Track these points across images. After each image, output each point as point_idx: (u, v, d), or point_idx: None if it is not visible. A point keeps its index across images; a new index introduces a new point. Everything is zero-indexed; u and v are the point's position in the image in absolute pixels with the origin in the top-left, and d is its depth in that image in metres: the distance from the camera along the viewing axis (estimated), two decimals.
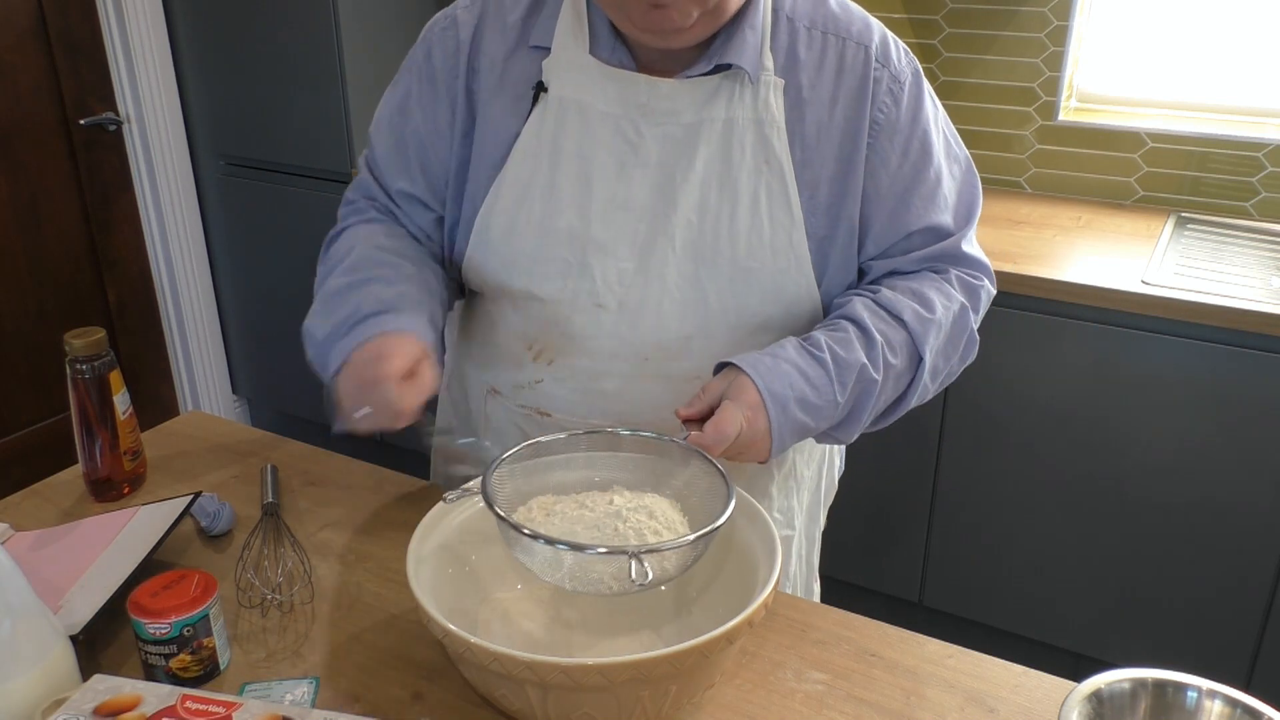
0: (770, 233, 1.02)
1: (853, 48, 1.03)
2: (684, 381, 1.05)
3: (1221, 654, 2.00)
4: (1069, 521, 2.05)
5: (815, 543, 1.30)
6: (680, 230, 1.02)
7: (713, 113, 1.01)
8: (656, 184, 1.02)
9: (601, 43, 1.03)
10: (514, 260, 1.05)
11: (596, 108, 1.02)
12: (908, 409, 1.07)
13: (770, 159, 1.02)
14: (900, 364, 1.02)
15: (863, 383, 0.99)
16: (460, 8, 1.09)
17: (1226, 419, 1.86)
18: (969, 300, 1.07)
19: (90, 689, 0.80)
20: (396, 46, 1.15)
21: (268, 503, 1.15)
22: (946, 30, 2.40)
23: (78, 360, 1.14)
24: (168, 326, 3.03)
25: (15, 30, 2.51)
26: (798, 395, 0.95)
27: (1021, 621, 2.18)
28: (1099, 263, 1.99)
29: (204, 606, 0.89)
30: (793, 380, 0.95)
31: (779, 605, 1.02)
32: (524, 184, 1.04)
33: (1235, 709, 0.77)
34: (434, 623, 0.78)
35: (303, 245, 2.79)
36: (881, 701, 0.90)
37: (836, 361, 0.97)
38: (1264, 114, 2.27)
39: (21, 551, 1.06)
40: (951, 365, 1.09)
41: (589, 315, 1.05)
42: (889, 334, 1.01)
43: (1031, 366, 1.98)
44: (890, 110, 1.03)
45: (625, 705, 0.78)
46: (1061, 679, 0.92)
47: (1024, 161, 2.42)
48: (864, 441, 1.11)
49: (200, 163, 2.94)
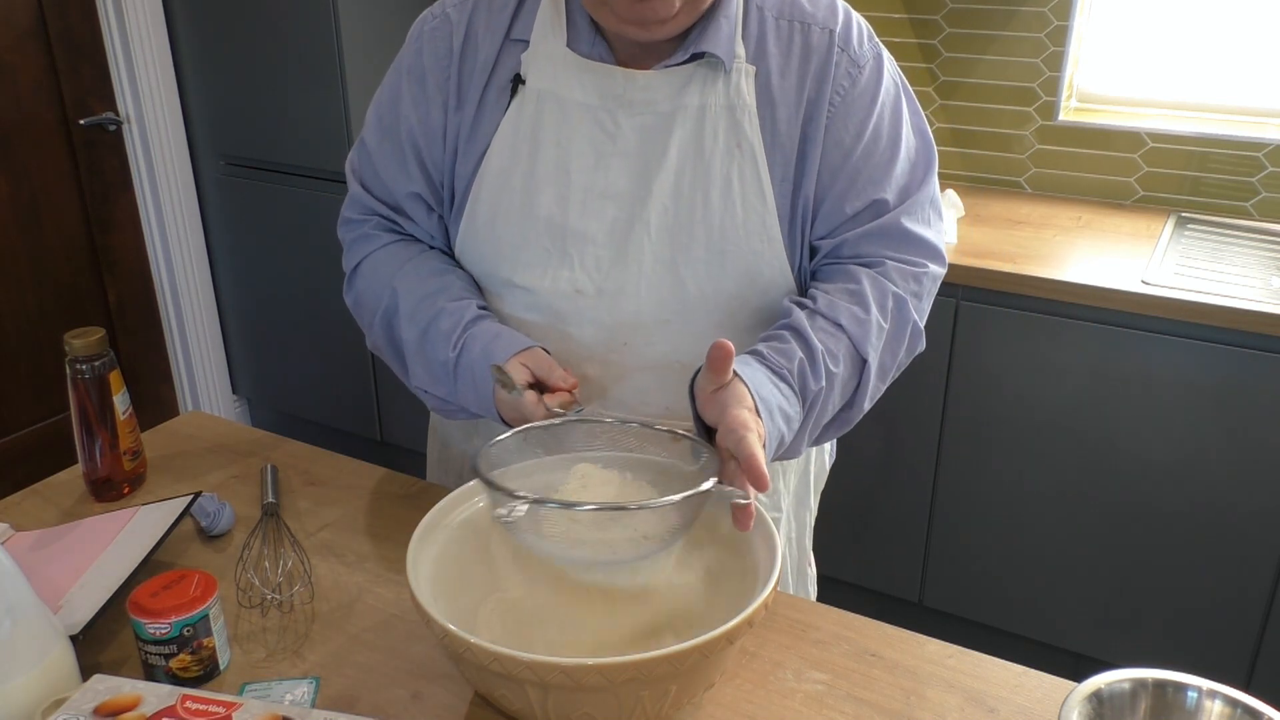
0: (743, 215, 1.03)
1: (818, 32, 1.05)
2: (663, 365, 1.06)
3: (1221, 654, 2.00)
4: (1069, 521, 2.05)
5: (806, 527, 1.31)
6: (656, 216, 1.04)
7: (686, 100, 1.03)
8: (634, 172, 1.04)
9: (580, 37, 1.04)
10: (498, 250, 1.07)
11: (574, 99, 1.04)
12: (862, 413, 1.07)
13: (742, 143, 1.03)
14: (844, 371, 1.02)
15: (809, 394, 0.99)
16: (450, 6, 1.09)
17: (1226, 419, 1.86)
18: (909, 289, 1.06)
19: (90, 689, 0.80)
20: (396, 46, 1.15)
21: (268, 503, 1.15)
22: (946, 30, 2.40)
23: (78, 360, 1.14)
24: (168, 326, 3.03)
25: (15, 30, 2.51)
26: (777, 403, 0.95)
27: (1021, 621, 2.18)
28: (1099, 263, 1.99)
29: (204, 606, 0.89)
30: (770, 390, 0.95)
31: (779, 605, 1.02)
32: (504, 175, 1.06)
33: (1235, 709, 0.78)
34: (434, 623, 0.78)
35: (302, 245, 2.80)
36: (881, 701, 0.90)
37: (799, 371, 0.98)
38: (1264, 114, 2.27)
39: (21, 551, 1.06)
40: (900, 360, 1.08)
41: (569, 302, 1.06)
42: (829, 343, 1.01)
43: (1031, 366, 1.98)
44: (847, 92, 1.04)
45: (625, 705, 0.78)
46: (1061, 679, 0.92)
47: (1024, 161, 2.42)
48: (864, 441, 1.11)
49: (200, 163, 2.94)
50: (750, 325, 1.07)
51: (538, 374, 0.99)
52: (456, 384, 1.04)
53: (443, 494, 0.95)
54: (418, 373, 1.08)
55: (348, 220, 1.18)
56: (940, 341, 2.01)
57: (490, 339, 1.03)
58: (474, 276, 1.12)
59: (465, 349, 1.03)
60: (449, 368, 1.04)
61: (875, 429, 1.85)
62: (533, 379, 0.99)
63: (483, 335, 1.03)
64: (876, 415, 1.19)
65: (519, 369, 0.99)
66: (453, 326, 1.04)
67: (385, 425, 2.91)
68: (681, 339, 1.06)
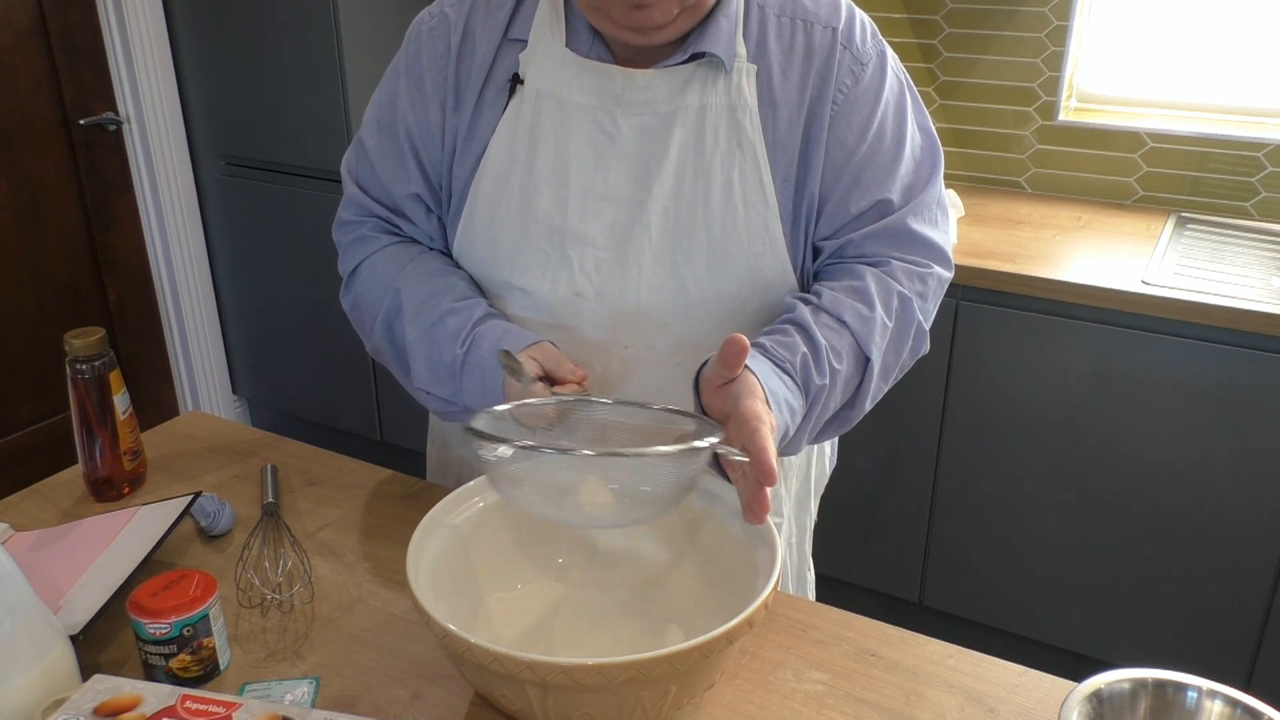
0: (745, 216, 1.03)
1: (820, 31, 1.04)
2: (664, 367, 1.06)
3: (1221, 654, 2.00)
4: (1069, 521, 2.05)
5: (806, 531, 1.31)
6: (656, 218, 1.03)
7: (687, 100, 1.02)
8: (633, 173, 1.03)
9: (579, 37, 1.04)
10: (496, 252, 1.07)
11: (573, 99, 1.03)
12: (863, 413, 1.06)
13: (743, 143, 1.02)
14: (847, 368, 1.01)
15: (812, 389, 0.98)
16: (448, 5, 1.09)
17: (1226, 419, 1.86)
18: (914, 290, 1.06)
19: (90, 689, 0.80)
20: (396, 46, 1.15)
21: (268, 503, 1.15)
22: (946, 30, 2.40)
23: (78, 360, 1.14)
24: (168, 326, 3.03)
25: (15, 30, 2.51)
26: (783, 396, 0.94)
27: (1021, 621, 2.18)
28: (1099, 263, 1.99)
29: (204, 606, 0.89)
30: (776, 383, 0.94)
31: (779, 605, 1.02)
32: (502, 176, 1.05)
33: (1235, 709, 0.77)
34: (434, 623, 0.78)
35: (302, 245, 2.80)
36: (881, 701, 0.90)
37: (802, 365, 0.97)
38: (1264, 114, 2.27)
39: (21, 551, 1.06)
40: (903, 360, 1.07)
41: (569, 305, 1.05)
42: (833, 339, 1.00)
43: (1031, 366, 1.98)
44: (850, 90, 1.04)
45: (625, 705, 0.78)
46: (1061, 679, 0.92)
47: (1024, 161, 2.42)
48: (864, 441, 1.11)
49: (200, 163, 2.94)
50: (752, 326, 1.06)
51: (547, 367, 0.99)
52: (462, 382, 1.04)
53: (443, 494, 0.95)
54: (420, 373, 1.08)
55: (344, 222, 1.17)
56: (940, 341, 2.01)
57: (500, 335, 1.02)
58: (473, 278, 1.12)
59: (474, 345, 1.03)
60: (455, 366, 1.04)
61: (876, 429, 1.84)
62: (542, 372, 0.99)
63: (491, 332, 1.03)
64: (877, 415, 1.19)
65: (528, 363, 0.98)
66: (461, 325, 1.04)
67: (385, 425, 2.91)
68: (682, 341, 1.05)
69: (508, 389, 0.99)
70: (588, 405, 0.95)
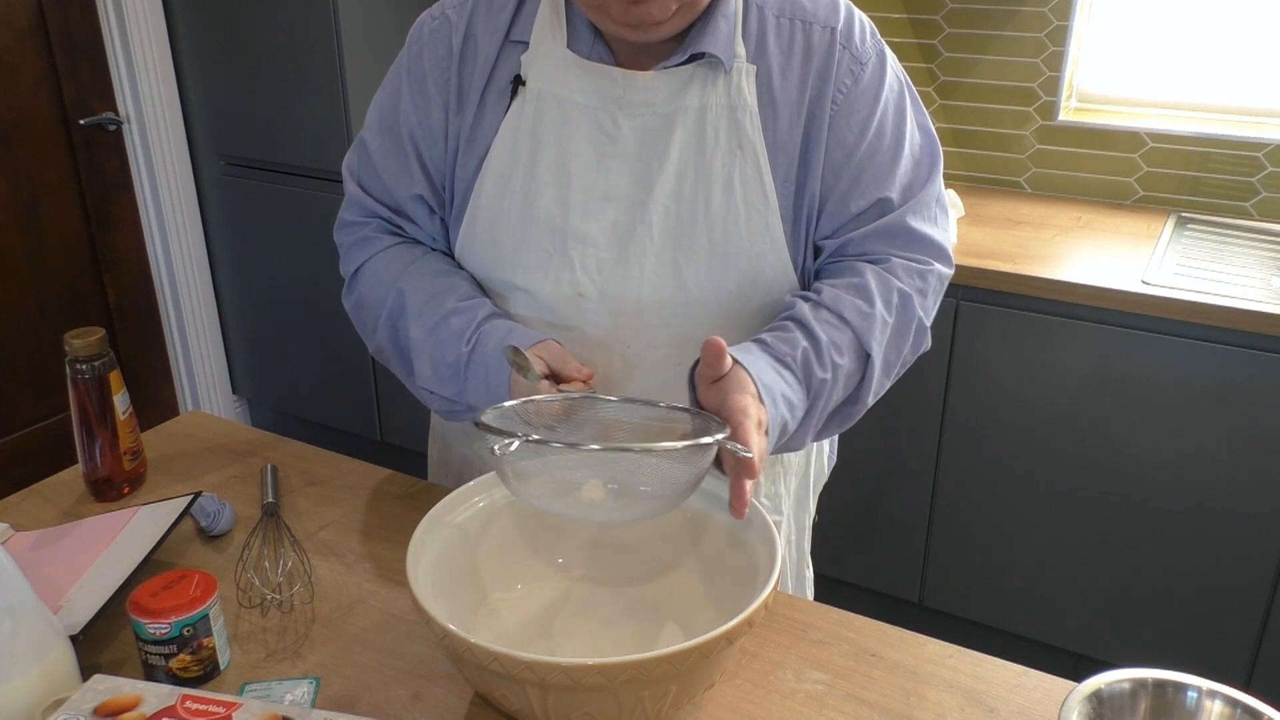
0: (746, 216, 1.03)
1: (819, 31, 1.05)
2: (666, 366, 1.06)
3: (1221, 654, 2.00)
4: (1069, 521, 2.05)
5: (805, 530, 1.31)
6: (658, 218, 1.03)
7: (687, 101, 1.03)
8: (634, 174, 1.04)
9: (580, 38, 1.04)
10: (498, 252, 1.07)
11: (574, 100, 1.04)
12: (865, 409, 1.07)
13: (744, 143, 1.03)
14: (848, 364, 1.01)
15: (814, 384, 0.99)
16: (449, 7, 1.09)
17: (1226, 419, 1.86)
18: (914, 286, 1.06)
19: (90, 689, 0.80)
20: (396, 46, 1.15)
21: (268, 503, 1.15)
22: (946, 30, 2.40)
23: (78, 360, 1.14)
24: (168, 326, 3.03)
25: (15, 30, 2.51)
26: (780, 389, 0.95)
27: (1021, 621, 2.18)
28: (1099, 263, 1.99)
29: (204, 606, 0.89)
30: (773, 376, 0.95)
31: (779, 605, 1.02)
32: (504, 177, 1.06)
33: (1235, 709, 0.77)
34: (434, 623, 0.78)
35: (302, 245, 2.80)
36: (881, 701, 0.90)
37: (803, 360, 0.97)
38: (1264, 114, 2.27)
39: (21, 551, 1.06)
40: (904, 356, 1.08)
41: (571, 305, 1.06)
42: (833, 334, 1.01)
43: (1031, 366, 1.98)
44: (849, 90, 1.04)
45: (625, 705, 0.78)
46: (1061, 679, 0.92)
47: (1024, 161, 2.42)
48: (864, 440, 1.11)
49: (200, 163, 2.94)
50: (753, 326, 1.07)
51: (553, 365, 0.99)
52: (466, 381, 1.04)
53: (443, 494, 0.95)
54: (424, 373, 1.08)
55: (346, 223, 1.17)
56: (940, 341, 2.01)
57: (505, 334, 1.02)
58: (475, 279, 1.12)
59: (479, 344, 1.03)
60: (459, 365, 1.04)
61: (875, 429, 1.85)
62: (548, 371, 0.99)
63: (496, 331, 1.03)
64: (877, 415, 1.19)
65: (535, 360, 0.98)
66: (466, 324, 1.04)
67: (385, 425, 2.91)
68: (684, 340, 1.05)
69: (514, 386, 1.00)
70: (594, 403, 0.95)
